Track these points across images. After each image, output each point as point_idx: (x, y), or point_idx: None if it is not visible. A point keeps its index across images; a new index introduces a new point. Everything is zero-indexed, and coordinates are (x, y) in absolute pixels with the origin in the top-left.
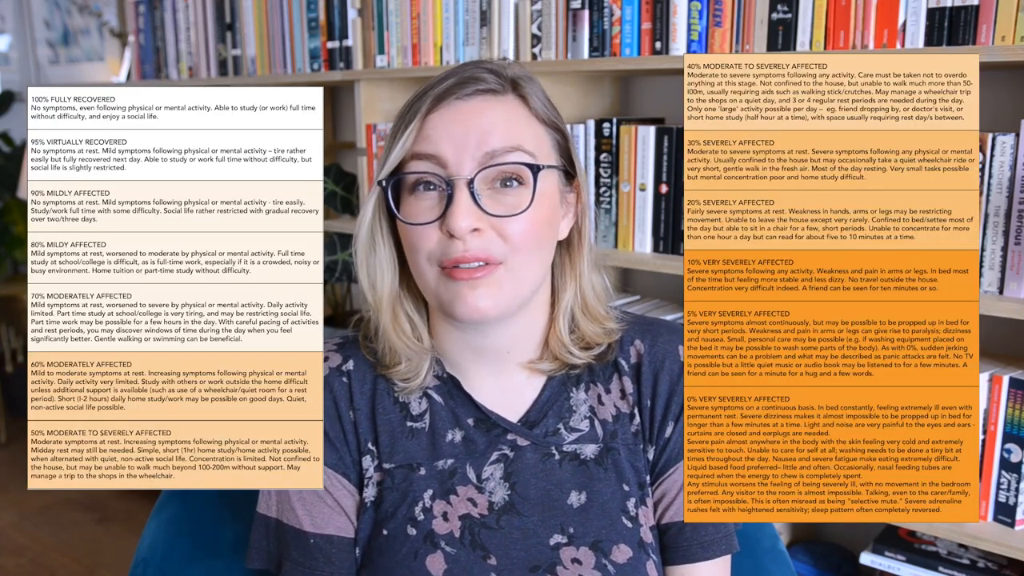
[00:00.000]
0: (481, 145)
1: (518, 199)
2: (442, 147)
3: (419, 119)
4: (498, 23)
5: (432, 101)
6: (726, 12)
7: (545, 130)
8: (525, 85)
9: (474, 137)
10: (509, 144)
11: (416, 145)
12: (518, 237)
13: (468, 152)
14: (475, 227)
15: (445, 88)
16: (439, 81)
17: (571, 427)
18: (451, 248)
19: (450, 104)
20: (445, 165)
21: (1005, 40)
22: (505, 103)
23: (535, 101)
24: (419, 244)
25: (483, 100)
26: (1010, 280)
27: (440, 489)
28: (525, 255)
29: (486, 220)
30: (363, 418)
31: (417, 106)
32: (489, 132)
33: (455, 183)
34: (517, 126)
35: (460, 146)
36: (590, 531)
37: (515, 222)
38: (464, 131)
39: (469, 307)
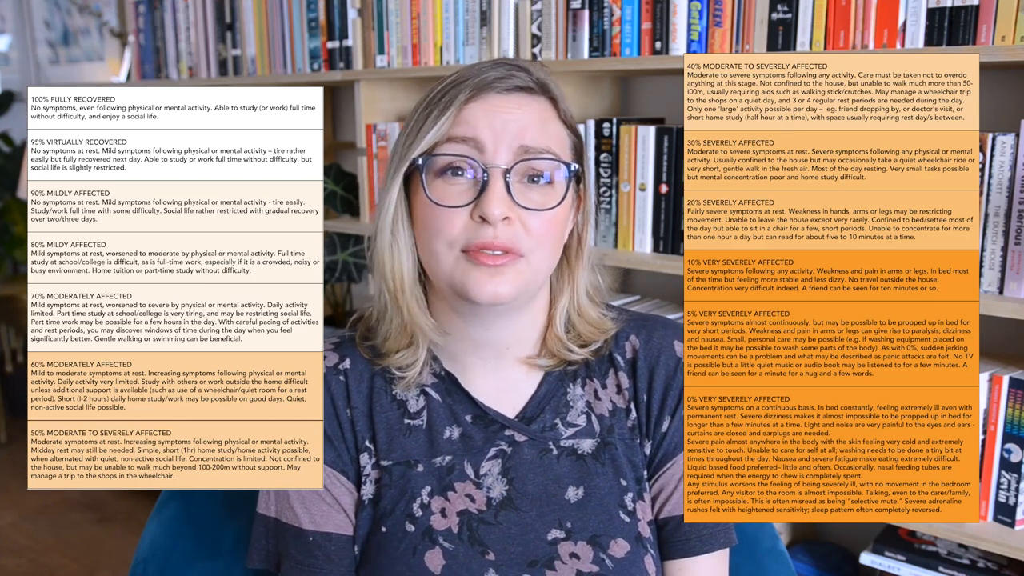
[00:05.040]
0: (518, 137)
1: (544, 196)
2: (481, 132)
3: (457, 106)
4: (498, 23)
5: (472, 90)
6: (726, 12)
7: (567, 133)
8: (554, 88)
9: (512, 129)
10: (542, 145)
11: (454, 129)
12: (541, 232)
13: (505, 143)
14: (507, 215)
15: (485, 79)
16: (473, 73)
17: (568, 422)
18: (480, 232)
19: (490, 96)
20: (482, 150)
21: (1005, 40)
22: (539, 103)
23: (563, 104)
24: (443, 228)
25: (520, 97)
26: (1010, 280)
27: (438, 485)
28: (545, 250)
29: (516, 211)
30: (360, 416)
31: (454, 93)
32: (525, 128)
33: (491, 171)
34: (549, 127)
35: (499, 135)
36: (588, 526)
37: (542, 217)
38: (503, 122)
39: (486, 290)
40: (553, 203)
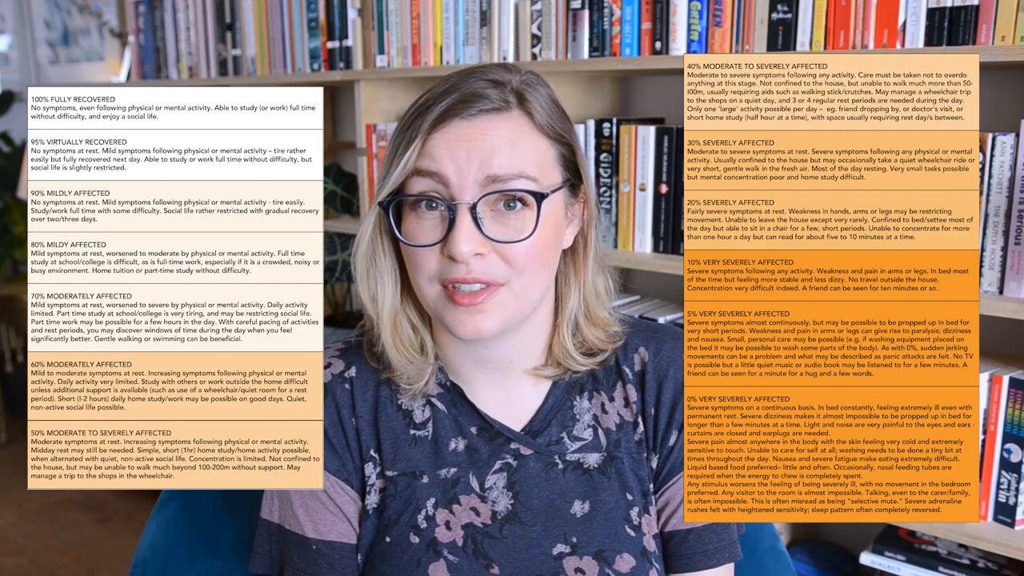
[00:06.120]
0: (483, 168)
1: (521, 222)
2: (444, 167)
3: (421, 137)
4: (498, 23)
5: (434, 120)
6: (726, 12)
7: (550, 144)
8: (530, 98)
9: (476, 160)
10: (512, 171)
11: (419, 161)
12: (521, 261)
13: (470, 176)
14: (477, 251)
15: (447, 106)
16: (441, 96)
17: (574, 436)
18: (453, 270)
19: (452, 123)
20: (448, 184)
21: (1005, 40)
22: (509, 121)
23: (540, 115)
24: (421, 264)
25: (486, 119)
26: (1010, 280)
27: (443, 498)
28: (529, 277)
29: (489, 244)
30: (365, 425)
31: (418, 123)
32: (492, 155)
33: (457, 207)
34: (521, 147)
35: (463, 169)
36: (593, 540)
37: (518, 247)
38: (467, 153)
39: (469, 329)
40: (528, 231)
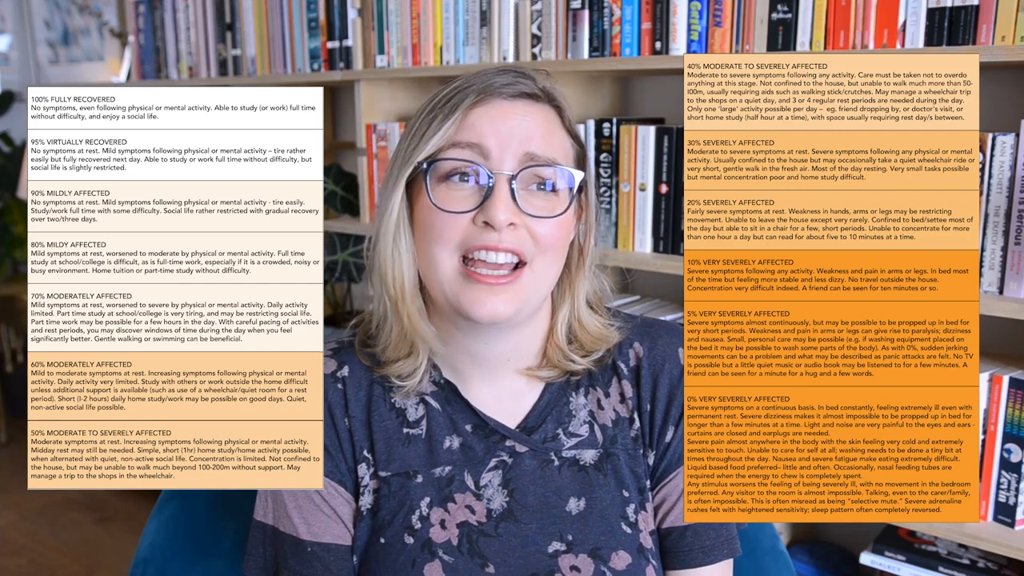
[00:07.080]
0: (524, 144)
1: (549, 203)
2: (487, 139)
3: (462, 111)
4: (498, 23)
5: (477, 95)
6: (726, 12)
7: (571, 144)
8: (559, 97)
9: (518, 136)
10: (548, 154)
11: (459, 134)
12: (547, 239)
13: (511, 149)
14: (512, 221)
15: (491, 85)
16: (481, 79)
17: (570, 432)
18: (485, 236)
19: (495, 101)
20: (488, 156)
21: (1005, 40)
22: (544, 112)
23: (567, 114)
24: (445, 233)
25: (526, 104)
26: (1010, 280)
27: (438, 497)
28: (550, 258)
29: (522, 218)
30: (358, 425)
31: (459, 98)
32: (531, 135)
33: (497, 176)
34: (554, 136)
35: (504, 142)
36: (589, 538)
37: (547, 224)
38: (509, 129)
39: (485, 309)
40: (559, 210)
